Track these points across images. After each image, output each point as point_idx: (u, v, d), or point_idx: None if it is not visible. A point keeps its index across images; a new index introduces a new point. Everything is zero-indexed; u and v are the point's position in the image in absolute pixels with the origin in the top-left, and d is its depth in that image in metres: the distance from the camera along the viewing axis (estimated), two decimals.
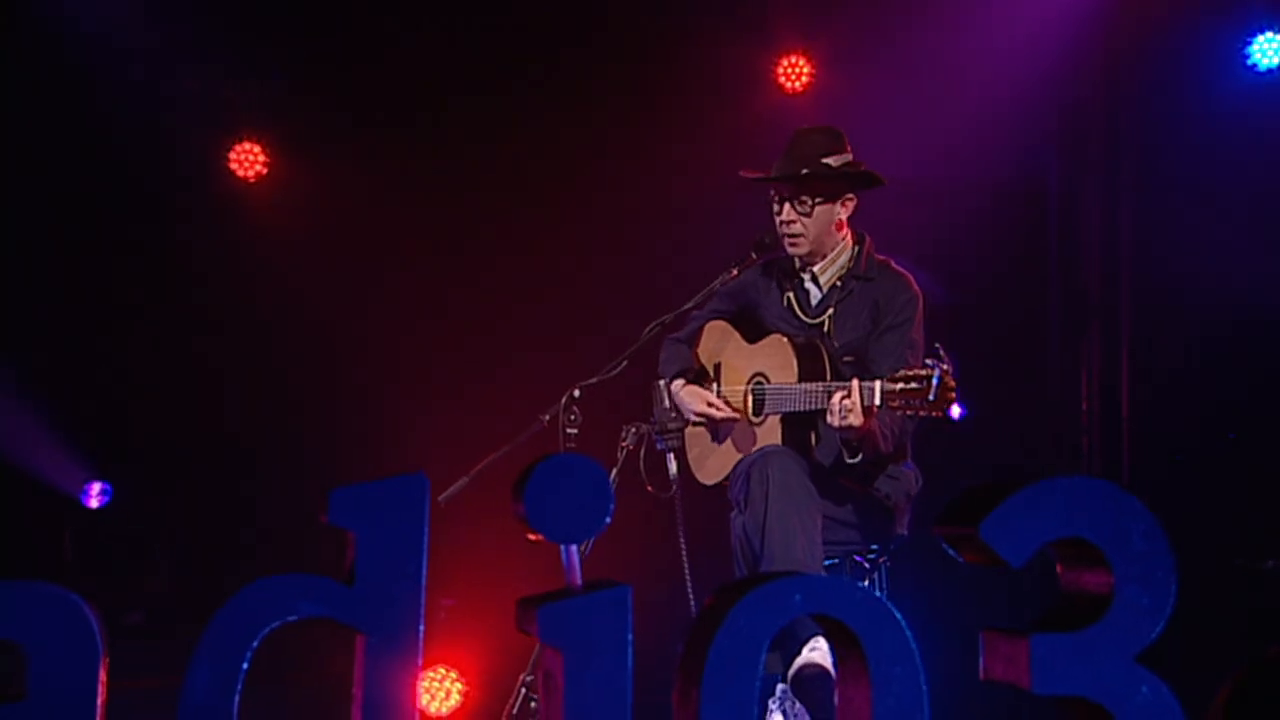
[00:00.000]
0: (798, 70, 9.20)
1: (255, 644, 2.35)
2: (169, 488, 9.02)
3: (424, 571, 2.42)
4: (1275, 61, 8.59)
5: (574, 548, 2.50)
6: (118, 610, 8.45)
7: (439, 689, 7.91)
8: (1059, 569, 2.46)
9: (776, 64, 9.22)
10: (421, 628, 2.40)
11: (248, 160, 9.19)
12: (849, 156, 6.42)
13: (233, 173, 9.18)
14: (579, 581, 2.49)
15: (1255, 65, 8.63)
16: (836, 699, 2.47)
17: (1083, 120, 9.12)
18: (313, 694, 7.13)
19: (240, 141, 9.19)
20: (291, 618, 2.38)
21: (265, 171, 9.22)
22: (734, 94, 9.09)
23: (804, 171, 6.39)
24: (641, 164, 8.70)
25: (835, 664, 2.50)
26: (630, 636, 2.40)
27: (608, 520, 2.46)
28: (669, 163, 8.68)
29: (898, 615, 2.39)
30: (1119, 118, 9.04)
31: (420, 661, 2.40)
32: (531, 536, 2.53)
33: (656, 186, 8.73)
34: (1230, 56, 8.67)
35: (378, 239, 8.94)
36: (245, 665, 2.35)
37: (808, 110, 8.82)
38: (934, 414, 5.58)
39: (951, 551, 2.48)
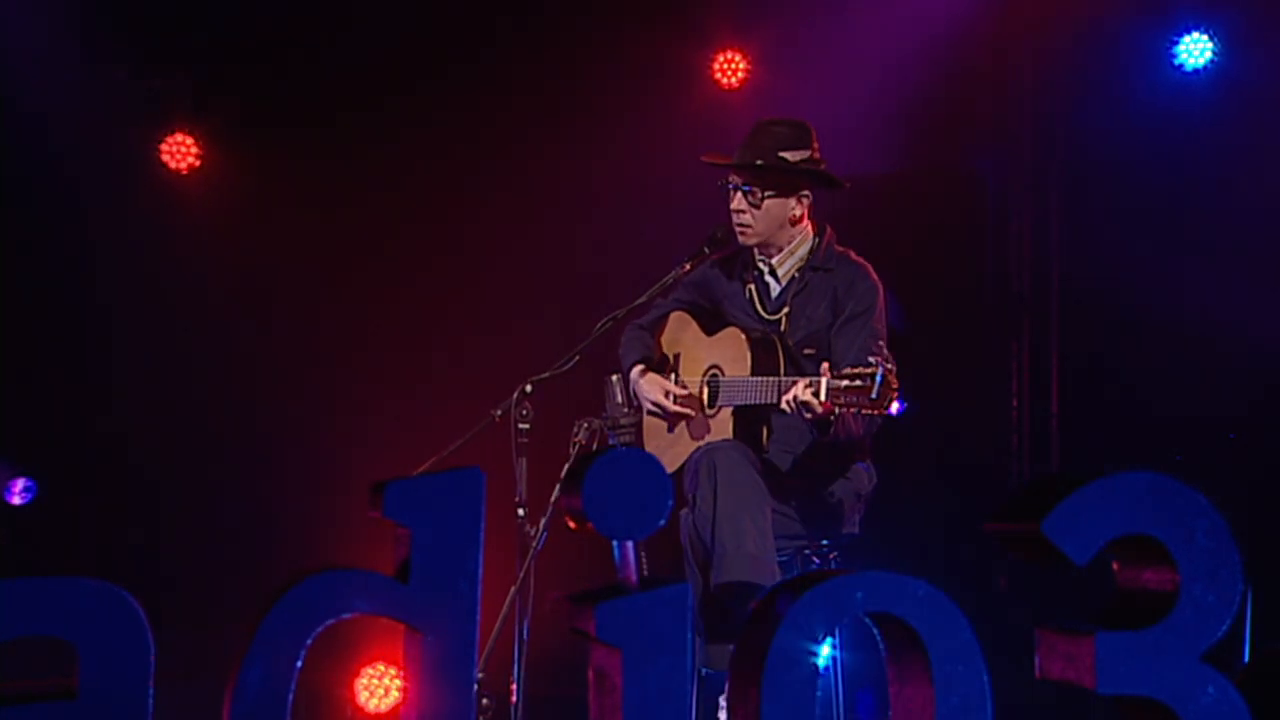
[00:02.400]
0: (733, 66, 9.21)
1: (309, 641, 2.29)
2: (94, 484, 8.86)
3: (480, 569, 2.37)
4: (1202, 61, 8.66)
5: (630, 544, 2.46)
6: None
7: (378, 686, 7.82)
8: (1115, 566, 2.42)
9: (712, 60, 9.22)
10: (478, 626, 2.35)
11: (180, 152, 9.04)
12: (810, 153, 6.36)
13: (164, 165, 9.03)
14: (635, 579, 2.44)
15: (1182, 65, 8.70)
16: (891, 699, 2.43)
17: (1013, 119, 9.17)
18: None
19: (172, 133, 9.05)
20: (345, 615, 2.32)
21: (198, 164, 9.08)
22: (671, 90, 9.08)
23: (757, 164, 6.35)
24: (589, 161, 8.69)
25: (889, 661, 2.45)
26: (691, 635, 2.36)
27: (663, 521, 2.42)
28: (614, 159, 8.66)
29: (960, 612, 2.35)
30: (1048, 117, 9.11)
31: (478, 661, 2.35)
32: (573, 526, 2.48)
33: (603, 182, 8.71)
34: (1158, 56, 8.74)
35: (316, 232, 8.82)
36: (299, 663, 2.29)
37: (744, 106, 8.84)
38: (876, 412, 5.56)
39: (1006, 550, 2.44)
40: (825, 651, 5.64)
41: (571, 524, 2.47)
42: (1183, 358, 8.45)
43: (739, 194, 6.40)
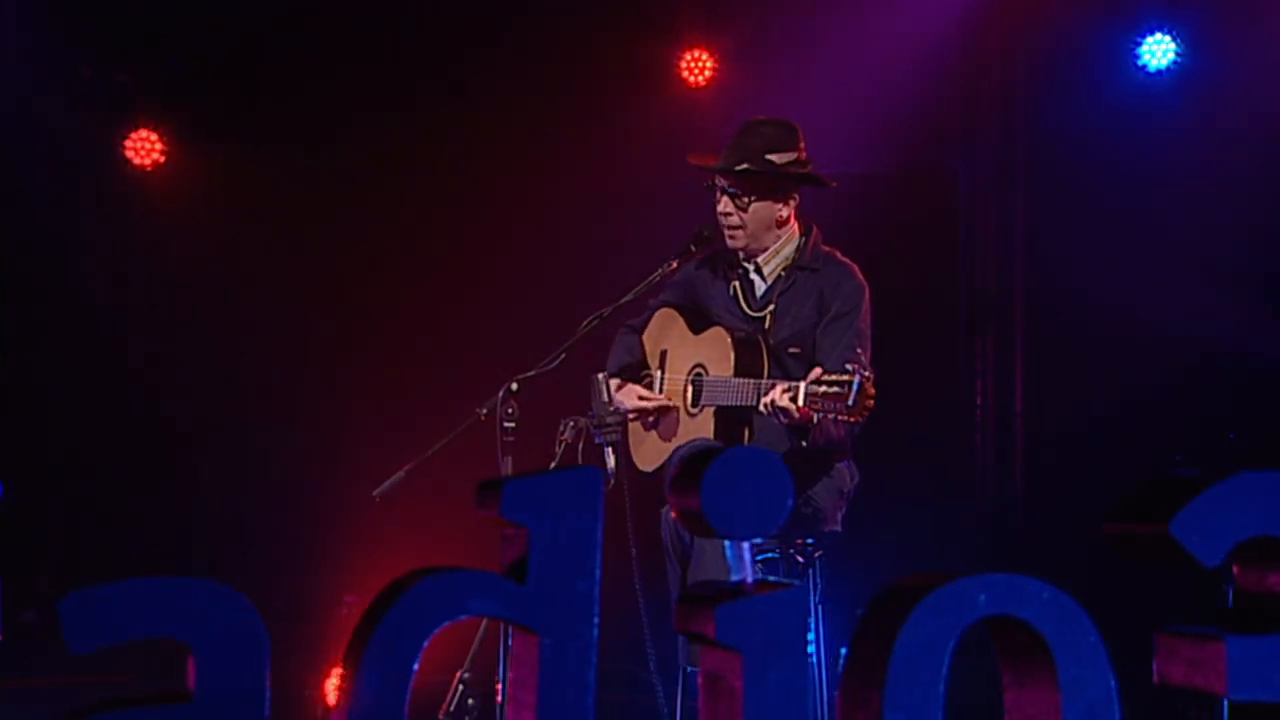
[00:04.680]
0: (700, 65, 9.20)
1: (425, 643, 2.23)
2: (61, 485, 8.74)
3: (599, 569, 2.30)
4: (1165, 62, 8.71)
5: (746, 545, 2.40)
6: (10, 609, 8.16)
7: None
8: (1236, 569, 2.36)
9: (679, 58, 9.20)
10: (596, 629, 2.29)
11: (144, 148, 8.94)
12: (797, 154, 6.33)
13: (129, 161, 8.93)
14: (751, 579, 2.38)
15: (1145, 66, 8.76)
16: (1007, 703, 2.37)
17: (980, 120, 9.20)
18: None
19: (136, 129, 8.94)
20: (461, 616, 2.25)
21: (163, 160, 8.98)
22: (639, 89, 9.06)
23: (744, 166, 6.31)
24: (561, 160, 8.67)
25: (1004, 664, 2.40)
26: (810, 637, 2.31)
27: (781, 522, 2.36)
28: (586, 158, 8.65)
29: (1087, 615, 2.30)
30: (1015, 117, 9.14)
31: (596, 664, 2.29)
32: (682, 523, 2.42)
33: (580, 180, 8.68)
34: (1121, 57, 8.80)
35: (284, 229, 8.74)
36: (415, 665, 2.22)
37: (712, 104, 8.86)
38: (852, 419, 5.58)
39: (1122, 551, 2.39)
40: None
41: (682, 522, 2.41)
42: (1146, 356, 8.50)
43: (726, 197, 6.37)
